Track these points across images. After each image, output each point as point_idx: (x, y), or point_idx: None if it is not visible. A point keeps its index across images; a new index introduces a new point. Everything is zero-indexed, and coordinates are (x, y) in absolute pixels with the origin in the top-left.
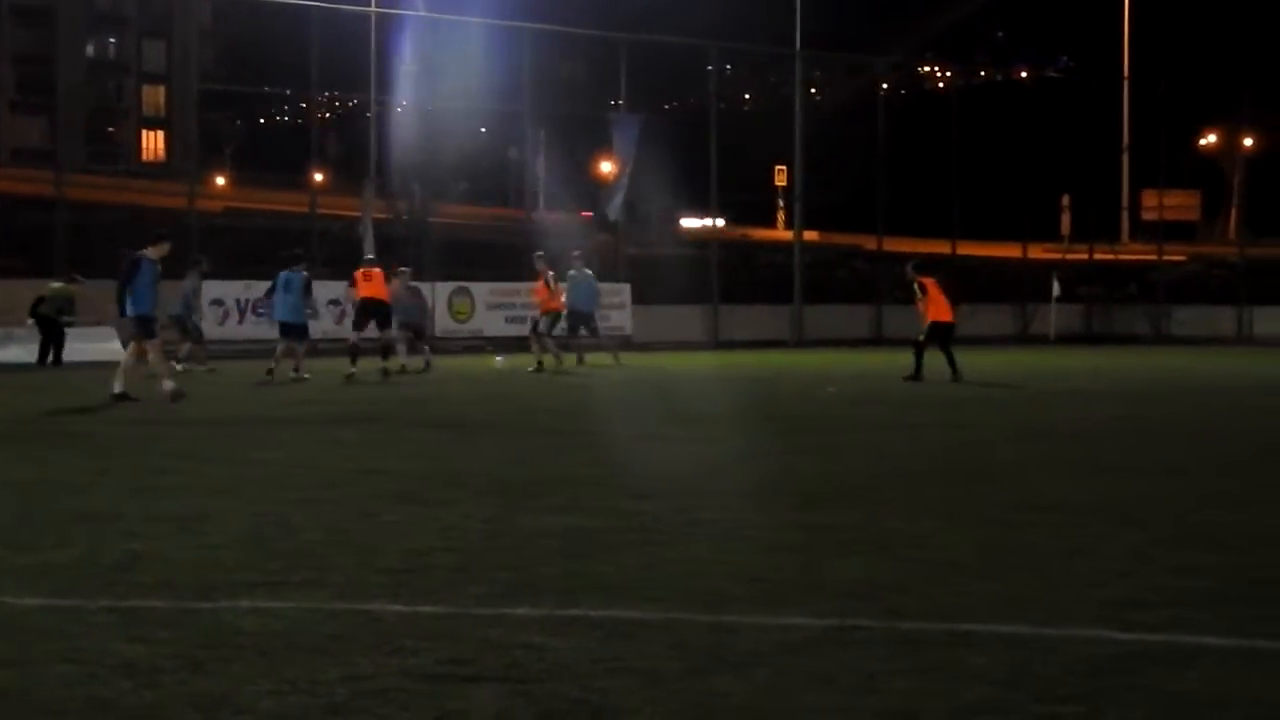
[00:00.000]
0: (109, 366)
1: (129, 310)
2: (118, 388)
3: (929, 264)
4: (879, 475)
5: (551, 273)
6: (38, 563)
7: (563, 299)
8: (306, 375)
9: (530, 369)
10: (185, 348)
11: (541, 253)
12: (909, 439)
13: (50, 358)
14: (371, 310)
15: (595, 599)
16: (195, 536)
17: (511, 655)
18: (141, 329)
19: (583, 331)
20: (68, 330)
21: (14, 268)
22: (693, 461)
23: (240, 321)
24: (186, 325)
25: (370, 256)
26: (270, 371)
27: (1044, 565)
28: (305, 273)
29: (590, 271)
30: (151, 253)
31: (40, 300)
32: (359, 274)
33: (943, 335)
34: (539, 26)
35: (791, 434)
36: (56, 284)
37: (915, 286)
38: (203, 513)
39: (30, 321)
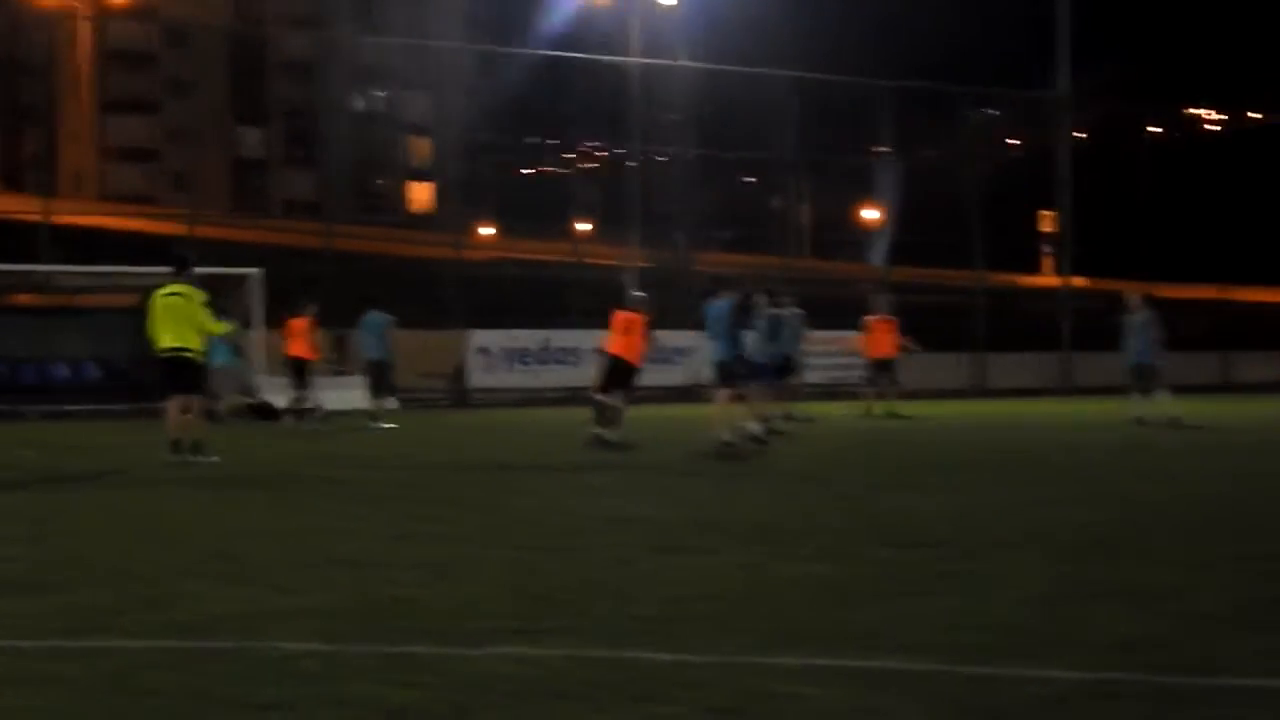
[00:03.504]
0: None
1: (713, 354)
2: (726, 435)
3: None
4: (1138, 526)
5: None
6: (304, 607)
7: None
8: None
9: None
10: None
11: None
12: (1170, 489)
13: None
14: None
15: (854, 649)
16: (455, 583)
17: (772, 704)
18: (720, 374)
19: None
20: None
21: (284, 318)
22: (949, 511)
23: (507, 370)
24: (385, 369)
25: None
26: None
27: None
28: (388, 314)
29: (799, 311)
30: (725, 297)
31: None
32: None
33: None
34: (800, 74)
35: (1050, 483)
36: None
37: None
38: (463, 558)
39: None
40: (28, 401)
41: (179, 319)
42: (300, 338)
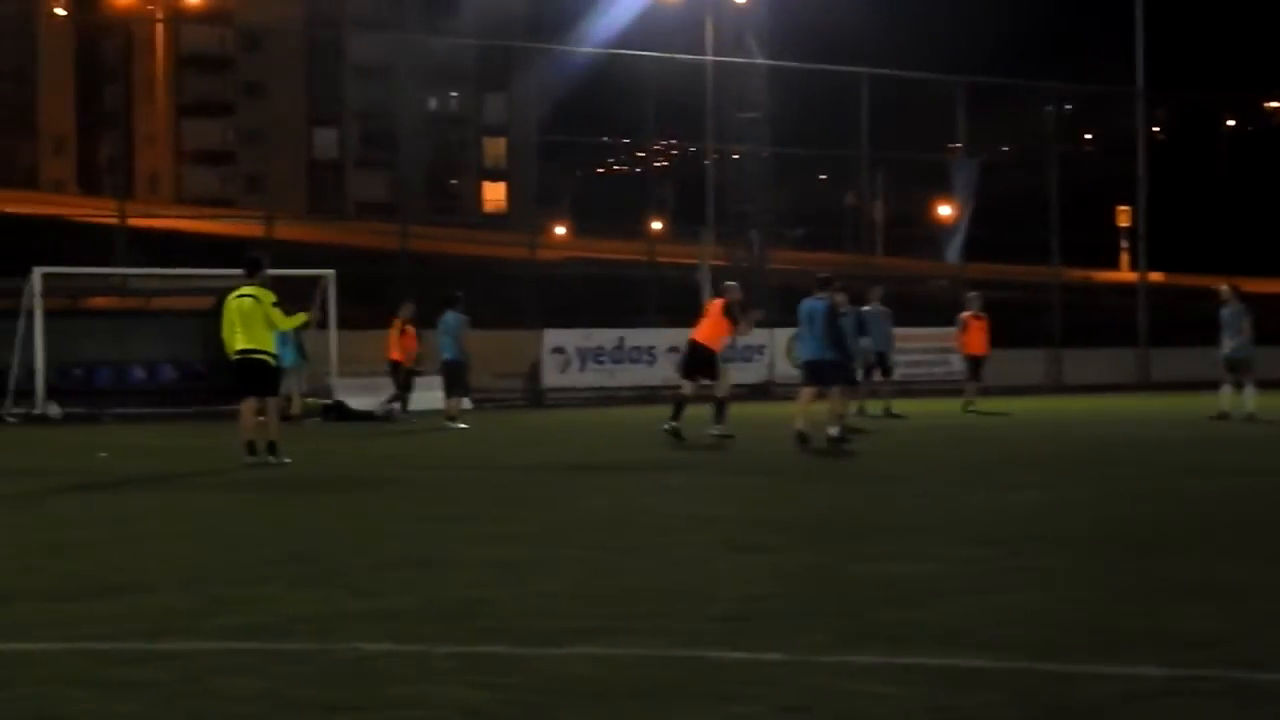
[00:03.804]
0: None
1: (804, 353)
2: (833, 431)
3: None
4: (1216, 521)
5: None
6: (382, 608)
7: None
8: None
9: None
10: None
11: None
12: (1248, 484)
13: None
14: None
15: (931, 647)
16: (531, 583)
17: (850, 703)
18: (809, 372)
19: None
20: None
21: (359, 318)
22: (1027, 507)
23: (581, 369)
24: (460, 369)
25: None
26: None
27: None
28: (463, 314)
29: (886, 309)
30: (822, 297)
31: None
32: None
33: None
34: (875, 71)
35: (1127, 479)
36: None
37: None
38: (538, 558)
39: None
40: (104, 404)
41: (252, 321)
42: (390, 340)
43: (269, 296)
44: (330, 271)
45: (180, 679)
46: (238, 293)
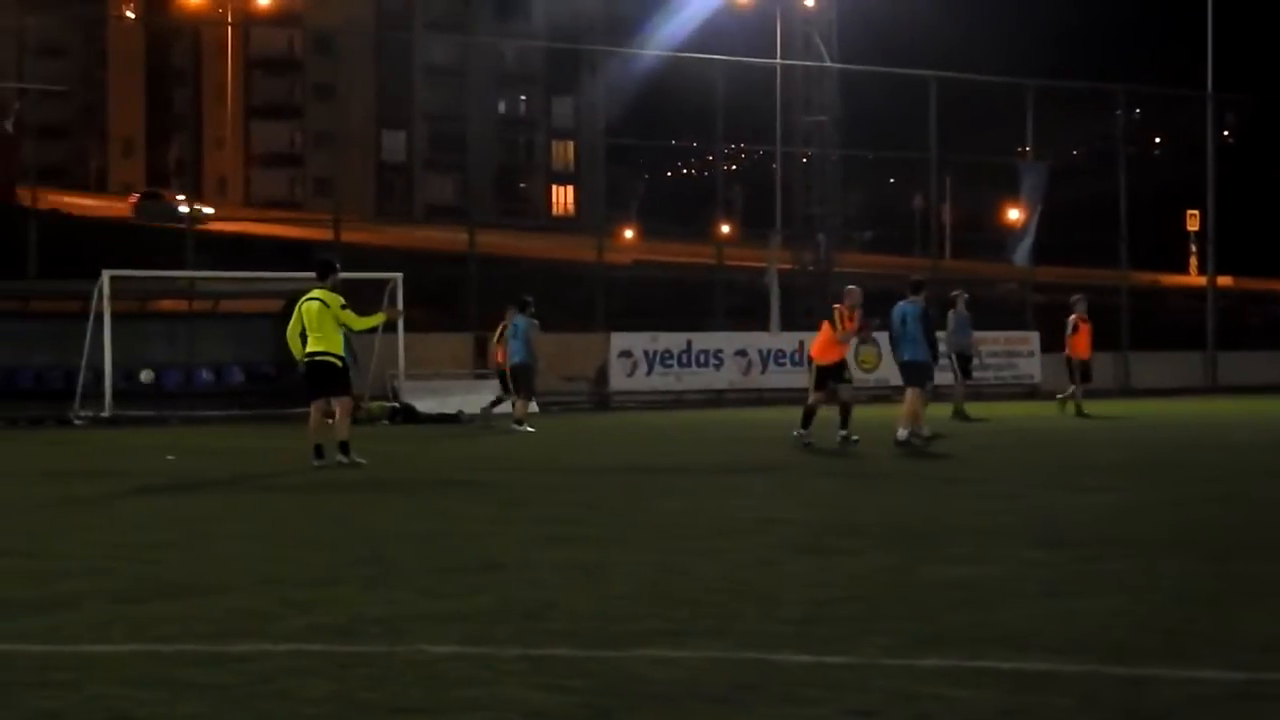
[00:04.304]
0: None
1: (903, 355)
2: (902, 435)
3: None
4: None
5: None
6: (450, 610)
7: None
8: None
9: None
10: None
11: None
12: None
13: None
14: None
15: (1002, 650)
16: (600, 585)
17: (918, 706)
18: (912, 375)
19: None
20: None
21: (429, 320)
22: (1099, 510)
23: (649, 373)
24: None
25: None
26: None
27: None
28: (534, 319)
29: (967, 313)
30: (915, 300)
31: None
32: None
33: None
34: (944, 74)
35: (1203, 482)
36: None
37: None
38: (606, 561)
39: None
40: (172, 406)
41: (321, 324)
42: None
43: (336, 300)
44: (398, 274)
45: (248, 681)
46: (307, 296)
